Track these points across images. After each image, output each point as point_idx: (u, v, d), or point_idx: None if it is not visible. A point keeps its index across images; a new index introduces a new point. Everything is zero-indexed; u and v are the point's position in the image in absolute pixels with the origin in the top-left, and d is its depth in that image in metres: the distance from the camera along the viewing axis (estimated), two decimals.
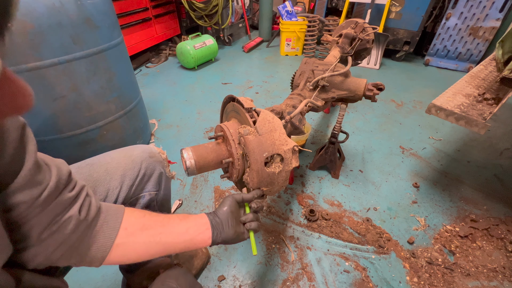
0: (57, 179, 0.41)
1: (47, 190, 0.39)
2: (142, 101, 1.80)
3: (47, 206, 0.40)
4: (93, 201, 0.47)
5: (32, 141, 0.38)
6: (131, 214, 0.52)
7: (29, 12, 1.03)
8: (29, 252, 0.40)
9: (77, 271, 1.11)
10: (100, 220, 0.48)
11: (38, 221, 0.39)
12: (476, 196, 1.49)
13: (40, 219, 0.39)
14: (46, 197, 0.39)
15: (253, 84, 2.83)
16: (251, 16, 4.87)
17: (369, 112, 2.32)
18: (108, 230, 0.48)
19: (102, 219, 0.48)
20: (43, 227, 0.40)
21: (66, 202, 0.42)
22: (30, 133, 0.39)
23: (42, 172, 0.39)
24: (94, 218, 0.47)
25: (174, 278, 0.54)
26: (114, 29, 1.42)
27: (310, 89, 1.22)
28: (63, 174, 0.43)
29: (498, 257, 1.18)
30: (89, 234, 0.46)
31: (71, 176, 0.44)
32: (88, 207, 0.46)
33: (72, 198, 0.43)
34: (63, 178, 0.42)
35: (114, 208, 0.51)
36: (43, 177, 0.39)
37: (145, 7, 3.00)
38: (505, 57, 1.36)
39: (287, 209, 1.40)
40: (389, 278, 1.10)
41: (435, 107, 1.10)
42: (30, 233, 0.39)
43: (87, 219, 0.45)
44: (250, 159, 0.71)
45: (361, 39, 1.57)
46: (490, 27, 2.82)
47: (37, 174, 0.38)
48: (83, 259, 0.46)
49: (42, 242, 0.40)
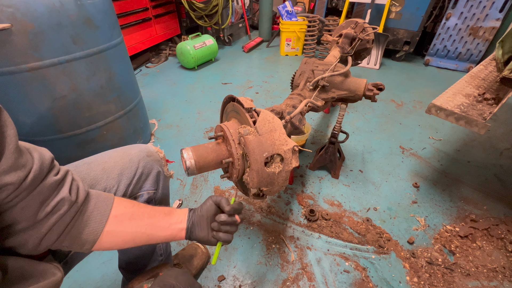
0: (40, 162, 0.41)
1: (32, 173, 0.39)
2: (142, 101, 1.80)
3: (34, 189, 0.40)
4: (81, 185, 0.48)
5: (11, 125, 0.38)
6: (120, 203, 0.55)
7: (29, 12, 1.03)
8: (22, 236, 0.41)
9: (77, 271, 1.11)
10: (91, 205, 0.49)
11: (27, 204, 0.40)
12: (476, 196, 1.49)
13: (28, 202, 0.40)
14: (32, 179, 0.39)
15: (253, 84, 2.83)
16: (251, 16, 4.87)
17: (369, 112, 2.32)
18: (98, 216, 0.49)
19: (92, 204, 0.49)
20: (35, 209, 0.40)
21: (53, 185, 0.43)
22: (8, 117, 0.39)
23: (24, 156, 0.39)
24: (83, 202, 0.48)
25: (174, 277, 0.54)
26: (114, 29, 1.42)
27: (310, 89, 1.22)
28: (45, 159, 0.43)
29: (498, 257, 1.18)
30: (80, 218, 0.47)
31: (54, 162, 0.45)
32: (77, 190, 0.47)
33: (59, 181, 0.44)
34: (46, 162, 0.43)
35: (104, 196, 0.53)
36: (25, 161, 0.39)
37: (145, 7, 3.00)
38: (505, 57, 1.36)
39: (287, 209, 1.40)
40: (389, 278, 1.10)
41: (435, 107, 1.10)
42: (21, 216, 0.39)
43: (77, 201, 0.46)
44: (250, 159, 0.71)
45: (361, 39, 1.57)
46: (490, 27, 2.82)
47: (19, 158, 0.38)
48: (74, 242, 0.47)
49: (37, 224, 0.41)
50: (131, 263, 0.87)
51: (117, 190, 0.65)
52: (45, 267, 0.48)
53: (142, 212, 0.56)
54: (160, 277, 0.55)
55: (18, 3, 1.00)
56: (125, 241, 0.54)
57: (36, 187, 0.41)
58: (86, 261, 1.14)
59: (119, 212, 0.52)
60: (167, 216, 0.60)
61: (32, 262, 0.46)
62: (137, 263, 0.87)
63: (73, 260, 0.62)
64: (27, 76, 1.12)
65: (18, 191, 0.38)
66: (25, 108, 1.19)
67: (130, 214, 0.54)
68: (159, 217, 0.58)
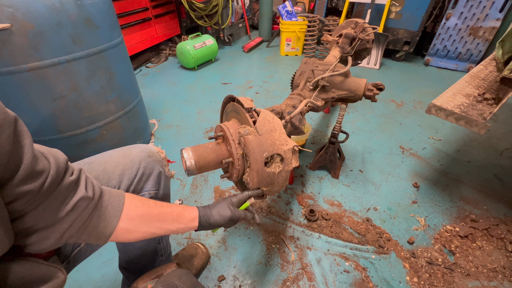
0: (56, 167, 0.43)
1: (50, 178, 0.41)
2: (142, 101, 1.80)
3: (53, 192, 0.42)
4: (95, 182, 0.50)
5: (27, 134, 0.40)
6: (131, 201, 0.56)
7: (29, 12, 1.03)
8: (44, 232, 0.43)
9: (77, 271, 1.11)
10: (105, 201, 0.51)
11: (47, 206, 0.42)
12: (476, 196, 1.49)
13: (48, 204, 0.42)
14: (50, 184, 0.41)
15: (253, 84, 2.83)
16: (251, 16, 4.87)
17: (369, 112, 2.32)
18: (113, 210, 0.51)
19: (106, 200, 0.51)
20: (55, 209, 0.43)
21: (70, 185, 0.45)
22: (23, 126, 0.40)
23: (41, 163, 0.41)
24: (99, 197, 0.50)
25: (177, 277, 0.54)
26: (114, 29, 1.42)
27: (310, 89, 1.22)
28: (60, 161, 0.44)
29: (498, 257, 1.18)
30: (97, 213, 0.49)
31: (68, 163, 0.46)
32: (92, 187, 0.49)
33: (75, 181, 0.46)
34: (62, 165, 0.44)
35: (115, 191, 0.54)
36: (43, 167, 0.41)
37: (145, 7, 3.00)
38: (505, 57, 1.36)
39: (287, 209, 1.40)
40: (389, 278, 1.10)
41: (435, 107, 1.10)
42: (42, 217, 0.42)
43: (94, 198, 0.48)
44: (250, 159, 0.71)
45: (361, 39, 1.57)
46: (490, 27, 2.82)
47: (36, 165, 0.39)
48: (91, 236, 0.50)
49: (58, 222, 0.43)
50: (131, 263, 0.87)
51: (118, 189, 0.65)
52: (49, 270, 0.48)
53: (152, 213, 0.58)
54: (163, 277, 0.55)
55: (18, 3, 1.00)
56: (136, 238, 0.57)
57: (54, 190, 0.42)
58: (86, 261, 1.13)
59: (129, 209, 0.54)
60: (176, 221, 0.61)
61: (34, 266, 0.46)
62: (137, 263, 0.87)
63: (75, 261, 0.62)
64: (27, 76, 1.12)
65: (37, 196, 0.40)
66: (25, 108, 1.19)
67: (141, 213, 0.56)
68: (168, 220, 0.60)
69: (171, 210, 0.61)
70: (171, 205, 0.63)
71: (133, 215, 0.54)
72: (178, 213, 0.62)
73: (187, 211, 0.64)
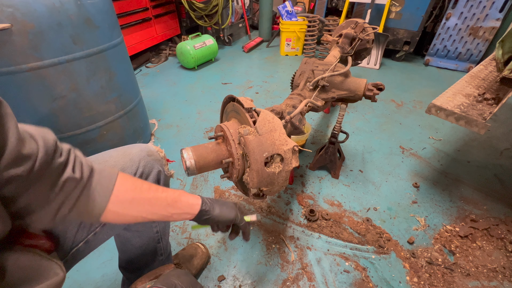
0: (45, 149, 0.42)
1: (38, 162, 0.40)
2: (142, 101, 1.80)
3: (43, 175, 0.42)
4: (84, 161, 0.49)
5: (11, 117, 0.38)
6: (123, 183, 0.53)
7: (29, 12, 1.03)
8: (38, 213, 0.43)
9: (77, 271, 1.11)
10: (94, 181, 0.50)
11: (38, 188, 0.42)
12: (476, 196, 1.49)
13: (39, 187, 0.42)
14: (39, 167, 0.40)
15: (253, 84, 2.83)
16: (251, 16, 4.87)
17: (369, 112, 2.32)
18: (102, 191, 0.50)
19: (95, 180, 0.50)
20: (46, 192, 0.43)
21: (59, 167, 0.44)
22: (8, 108, 0.39)
23: (28, 145, 0.40)
24: (88, 177, 0.49)
25: (176, 277, 0.54)
26: (114, 29, 1.42)
27: (310, 89, 1.22)
28: (50, 143, 0.43)
29: (498, 257, 1.18)
30: (85, 192, 0.48)
31: (57, 143, 0.45)
32: (81, 167, 0.48)
33: (64, 163, 0.45)
34: (51, 147, 0.43)
35: (108, 172, 0.53)
36: (30, 151, 0.40)
37: (145, 7, 3.01)
38: (505, 57, 1.36)
39: (287, 209, 1.40)
40: (389, 278, 1.10)
41: (435, 107, 1.10)
42: (34, 199, 0.42)
43: (82, 178, 0.47)
44: (250, 159, 0.71)
45: (361, 39, 1.57)
46: (490, 27, 2.82)
47: (22, 148, 0.38)
48: (82, 215, 0.50)
49: (49, 203, 0.44)
50: (131, 263, 0.87)
51: None
52: (48, 265, 0.48)
53: (143, 198, 0.55)
54: (162, 276, 0.55)
55: (18, 3, 1.00)
56: (127, 221, 0.56)
57: (44, 173, 0.42)
58: (86, 261, 1.14)
59: (120, 193, 0.52)
60: (170, 206, 0.58)
61: (36, 259, 0.46)
62: (137, 263, 0.87)
63: (74, 259, 0.62)
64: (27, 76, 1.12)
65: (27, 180, 0.40)
66: (25, 108, 1.19)
67: (131, 198, 0.54)
68: (161, 205, 0.57)
69: (166, 195, 0.58)
70: (168, 190, 0.60)
71: (123, 198, 0.52)
72: (174, 198, 0.59)
73: (185, 197, 0.61)
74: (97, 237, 0.64)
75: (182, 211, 0.60)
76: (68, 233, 0.59)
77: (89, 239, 0.62)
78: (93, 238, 0.63)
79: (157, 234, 0.84)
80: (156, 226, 0.82)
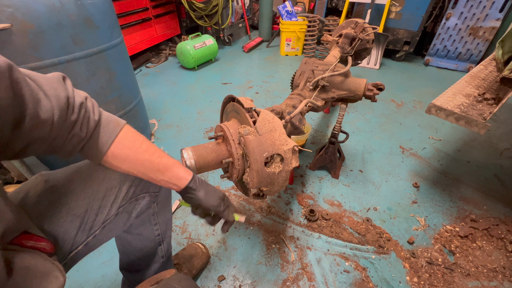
0: (59, 111, 0.46)
1: (55, 123, 0.45)
2: (142, 101, 1.80)
3: (58, 132, 0.47)
4: (91, 116, 0.53)
5: (24, 82, 0.41)
6: (123, 139, 0.57)
7: (29, 12, 1.03)
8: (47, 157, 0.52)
9: (77, 271, 1.11)
10: (96, 134, 0.54)
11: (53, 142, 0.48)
12: (476, 196, 1.49)
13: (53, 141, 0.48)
14: (55, 128, 0.46)
15: (253, 84, 2.83)
16: (251, 16, 4.87)
17: (369, 112, 2.32)
18: (101, 144, 0.55)
19: (98, 133, 0.54)
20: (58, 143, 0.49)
21: (70, 125, 0.49)
22: (19, 73, 0.41)
23: (44, 108, 0.43)
24: (92, 132, 0.53)
25: (177, 281, 0.54)
26: (114, 29, 1.41)
27: (310, 89, 1.22)
28: (62, 102, 0.47)
29: (498, 257, 1.18)
30: (87, 144, 0.54)
31: (68, 100, 0.48)
32: (87, 123, 0.52)
33: (74, 121, 0.49)
34: (64, 107, 0.47)
35: (112, 126, 0.56)
36: (47, 115, 0.44)
37: (145, 7, 3.00)
38: (505, 57, 1.36)
39: (287, 209, 1.40)
40: (389, 278, 1.10)
41: (435, 107, 1.10)
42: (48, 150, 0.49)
43: (86, 134, 0.52)
44: (250, 159, 0.71)
45: (361, 39, 1.57)
46: (490, 27, 2.82)
47: (40, 112, 0.43)
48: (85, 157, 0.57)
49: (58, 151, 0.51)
50: (132, 264, 0.87)
51: (118, 191, 0.65)
52: (50, 269, 0.48)
53: (137, 158, 0.58)
54: (163, 281, 0.55)
55: (18, 3, 1.00)
56: (120, 171, 0.60)
57: (58, 131, 0.47)
58: (86, 261, 1.14)
59: (117, 149, 0.56)
60: (159, 172, 0.61)
61: (38, 260, 0.47)
62: (138, 264, 0.87)
63: (73, 261, 0.62)
64: None
65: (46, 138, 0.46)
66: None
67: (126, 156, 0.57)
68: (151, 169, 0.60)
69: (159, 161, 0.60)
70: (164, 156, 0.61)
71: (118, 154, 0.56)
72: (166, 166, 0.61)
73: (178, 168, 0.63)
74: (97, 239, 0.64)
75: (170, 180, 0.62)
76: (67, 236, 0.58)
77: (89, 241, 0.62)
78: (93, 241, 0.63)
79: (159, 237, 0.84)
80: (158, 229, 0.82)
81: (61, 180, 0.61)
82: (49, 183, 0.59)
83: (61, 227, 0.58)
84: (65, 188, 0.60)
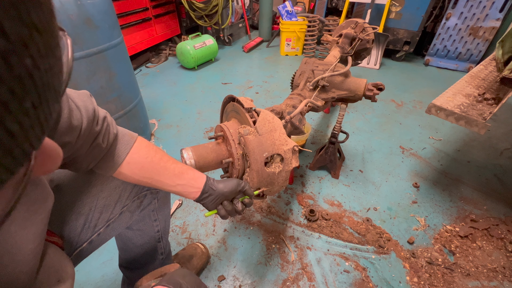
0: (87, 120, 0.49)
1: (83, 131, 0.48)
2: (142, 101, 1.80)
3: (83, 140, 0.50)
4: (111, 130, 0.56)
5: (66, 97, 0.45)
6: (138, 150, 0.60)
7: None
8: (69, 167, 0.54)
9: (77, 271, 1.11)
10: (113, 147, 0.57)
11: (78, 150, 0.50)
12: (476, 196, 1.49)
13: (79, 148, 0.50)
14: (82, 135, 0.48)
15: (253, 84, 2.83)
16: (251, 16, 4.87)
17: (369, 112, 2.32)
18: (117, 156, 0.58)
19: (115, 146, 0.57)
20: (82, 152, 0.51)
21: (93, 135, 0.52)
22: None
23: (75, 116, 0.47)
24: (111, 145, 0.56)
25: (181, 276, 0.54)
26: (114, 29, 1.41)
27: (310, 89, 1.22)
28: (90, 113, 0.50)
29: (498, 257, 1.18)
30: (105, 157, 0.56)
31: (95, 112, 0.52)
32: (108, 136, 0.55)
33: (98, 132, 0.52)
34: (91, 118, 0.50)
35: (127, 138, 0.59)
36: (78, 122, 0.47)
37: (145, 7, 3.00)
38: (505, 57, 1.36)
39: (287, 209, 1.40)
40: (389, 278, 1.10)
41: (435, 107, 1.10)
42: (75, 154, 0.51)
43: (106, 146, 0.55)
44: (250, 159, 0.71)
45: (361, 39, 1.57)
46: (490, 27, 2.82)
47: (72, 120, 0.46)
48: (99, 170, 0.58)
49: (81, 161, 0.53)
50: (132, 262, 0.87)
51: (123, 190, 0.66)
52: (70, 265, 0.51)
53: (152, 167, 0.60)
54: (167, 275, 0.55)
55: None
56: (133, 182, 0.61)
57: (84, 138, 0.50)
58: (86, 261, 1.13)
59: (132, 159, 0.58)
60: (176, 177, 0.62)
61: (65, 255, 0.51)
62: (138, 262, 0.87)
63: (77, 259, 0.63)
64: None
65: (73, 145, 0.48)
66: None
67: (141, 166, 0.59)
68: (167, 175, 0.61)
69: (175, 166, 0.62)
70: (178, 163, 0.64)
71: (133, 164, 0.59)
72: (181, 170, 0.63)
73: (192, 171, 0.65)
74: (101, 237, 0.65)
75: (187, 183, 0.63)
76: (72, 233, 0.59)
77: (93, 239, 0.63)
78: (97, 238, 0.64)
79: (158, 233, 0.84)
80: (157, 225, 0.83)
81: (66, 180, 0.62)
82: (54, 182, 0.61)
83: (66, 224, 0.59)
84: (69, 187, 0.61)
